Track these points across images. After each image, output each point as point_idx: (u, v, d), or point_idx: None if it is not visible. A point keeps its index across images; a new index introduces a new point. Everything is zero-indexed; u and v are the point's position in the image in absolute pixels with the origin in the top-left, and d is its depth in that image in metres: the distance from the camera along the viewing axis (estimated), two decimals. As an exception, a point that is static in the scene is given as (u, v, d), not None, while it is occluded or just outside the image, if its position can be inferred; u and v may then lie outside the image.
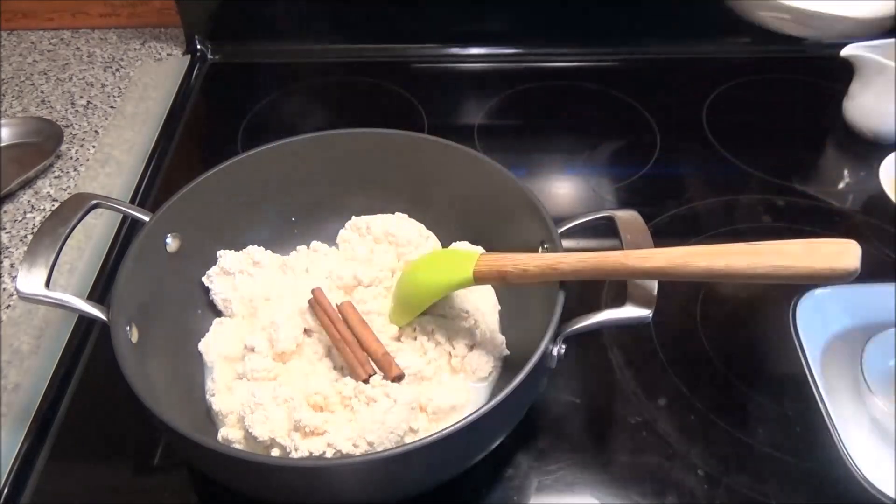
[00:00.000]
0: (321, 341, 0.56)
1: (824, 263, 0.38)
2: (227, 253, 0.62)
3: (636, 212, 0.53)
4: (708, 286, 0.67)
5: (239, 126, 0.87)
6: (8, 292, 0.69)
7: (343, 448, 0.47)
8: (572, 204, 0.79)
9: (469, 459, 0.48)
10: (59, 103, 0.92)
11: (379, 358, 0.53)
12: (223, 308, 0.60)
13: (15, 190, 0.79)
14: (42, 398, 0.59)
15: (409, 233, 0.62)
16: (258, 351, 0.54)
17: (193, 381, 0.56)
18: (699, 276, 0.42)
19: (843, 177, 0.81)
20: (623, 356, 0.62)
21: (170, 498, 0.53)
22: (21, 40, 1.04)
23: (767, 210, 0.75)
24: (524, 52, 0.97)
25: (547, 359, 0.47)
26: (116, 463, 0.55)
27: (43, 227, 0.52)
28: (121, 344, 0.47)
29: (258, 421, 0.49)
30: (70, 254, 0.71)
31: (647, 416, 0.57)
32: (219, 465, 0.45)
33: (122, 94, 0.94)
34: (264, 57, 1.00)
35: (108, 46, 1.03)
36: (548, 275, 0.48)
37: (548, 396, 0.58)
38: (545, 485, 0.53)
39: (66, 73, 0.98)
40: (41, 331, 0.65)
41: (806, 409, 0.56)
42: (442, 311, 0.58)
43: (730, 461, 0.54)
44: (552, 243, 0.53)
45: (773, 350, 0.62)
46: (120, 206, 0.58)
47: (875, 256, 0.69)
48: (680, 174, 0.81)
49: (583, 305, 0.61)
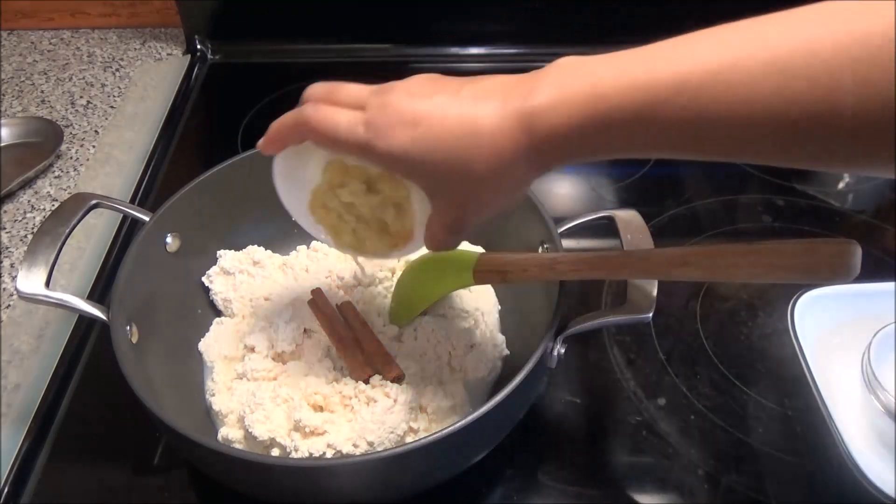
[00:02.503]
0: (321, 341, 0.56)
1: (824, 263, 0.38)
2: (227, 253, 0.62)
3: (636, 212, 0.53)
4: (708, 286, 0.67)
5: (239, 126, 0.87)
6: (8, 292, 0.69)
7: (343, 448, 0.47)
8: (572, 204, 0.79)
9: (469, 459, 0.49)
10: (59, 103, 0.92)
11: (379, 358, 0.53)
12: (223, 308, 0.60)
13: (15, 190, 0.79)
14: (42, 398, 0.59)
15: (408, 233, 0.62)
16: (258, 351, 0.54)
17: (193, 381, 0.56)
18: (699, 276, 0.42)
19: (843, 177, 0.81)
20: (623, 356, 0.62)
21: (170, 498, 0.53)
22: (21, 40, 1.04)
23: (767, 210, 0.75)
24: (524, 52, 0.97)
25: (547, 359, 0.47)
26: (116, 463, 0.55)
27: (43, 227, 0.52)
28: (121, 344, 0.47)
29: (258, 421, 0.49)
30: (70, 254, 0.71)
31: (647, 416, 0.57)
32: (219, 465, 0.45)
33: (122, 94, 0.94)
34: (264, 57, 1.00)
35: (108, 46, 1.03)
36: (548, 275, 0.48)
37: (548, 396, 0.58)
38: (545, 485, 0.53)
39: (66, 73, 0.98)
40: (41, 331, 0.65)
41: (806, 409, 0.56)
42: (442, 311, 0.58)
43: (730, 461, 0.54)
44: (552, 243, 0.53)
45: (773, 350, 0.62)
46: (120, 205, 0.58)
47: (875, 256, 0.69)
48: (680, 174, 0.81)
49: (583, 305, 0.61)
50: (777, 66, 0.31)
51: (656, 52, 0.35)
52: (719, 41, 0.33)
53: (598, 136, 0.36)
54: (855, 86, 0.30)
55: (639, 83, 0.34)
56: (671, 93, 0.33)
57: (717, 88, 0.32)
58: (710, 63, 0.33)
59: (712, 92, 0.32)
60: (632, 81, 0.34)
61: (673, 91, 0.33)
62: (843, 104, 0.30)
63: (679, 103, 0.33)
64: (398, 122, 0.39)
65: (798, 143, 0.32)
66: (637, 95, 0.34)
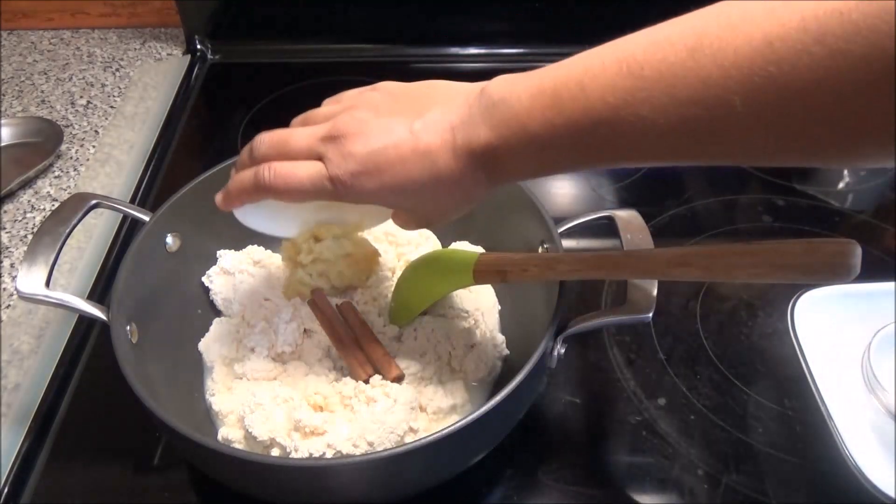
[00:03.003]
0: (321, 341, 0.56)
1: (824, 263, 0.38)
2: (227, 253, 0.62)
3: (636, 212, 0.53)
4: (708, 286, 0.67)
5: (239, 126, 0.87)
6: (8, 292, 0.69)
7: (343, 448, 0.47)
8: (572, 204, 0.79)
9: (469, 459, 0.49)
10: (59, 103, 0.92)
11: (379, 358, 0.53)
12: (223, 308, 0.60)
13: (15, 190, 0.79)
14: (42, 398, 0.59)
15: (408, 233, 0.63)
16: (258, 351, 0.54)
17: (193, 381, 0.56)
18: (699, 276, 0.42)
19: (842, 177, 0.81)
20: (623, 356, 0.62)
21: (170, 498, 0.53)
22: (21, 40, 1.04)
23: (767, 210, 0.75)
24: (524, 52, 0.97)
25: (547, 359, 0.47)
26: (116, 463, 0.55)
27: (43, 226, 0.52)
28: (121, 344, 0.47)
29: (258, 421, 0.49)
30: (70, 254, 0.71)
31: (647, 416, 0.57)
32: (219, 465, 0.45)
33: (122, 94, 0.94)
34: (264, 57, 1.00)
35: (108, 46, 1.03)
36: (548, 275, 0.48)
37: (548, 396, 0.58)
38: (545, 485, 0.53)
39: (66, 73, 0.98)
40: (41, 331, 0.65)
41: (806, 409, 0.56)
42: (442, 311, 0.58)
43: (730, 461, 0.54)
44: (552, 243, 0.53)
45: (773, 349, 0.62)
46: (120, 205, 0.58)
47: (875, 256, 0.69)
48: (680, 174, 0.81)
49: (583, 305, 0.61)
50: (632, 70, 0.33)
51: (564, 63, 0.37)
52: (614, 45, 0.35)
53: (542, 153, 0.38)
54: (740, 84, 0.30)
55: (539, 90, 0.37)
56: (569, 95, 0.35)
57: (573, 91, 0.35)
58: (574, 70, 0.35)
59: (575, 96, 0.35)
60: (538, 92, 0.37)
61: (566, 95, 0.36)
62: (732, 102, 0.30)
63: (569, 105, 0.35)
64: (362, 172, 0.41)
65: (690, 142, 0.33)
66: (544, 102, 0.36)
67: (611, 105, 0.34)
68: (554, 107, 0.36)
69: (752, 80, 0.29)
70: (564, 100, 0.35)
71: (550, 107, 0.36)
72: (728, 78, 0.30)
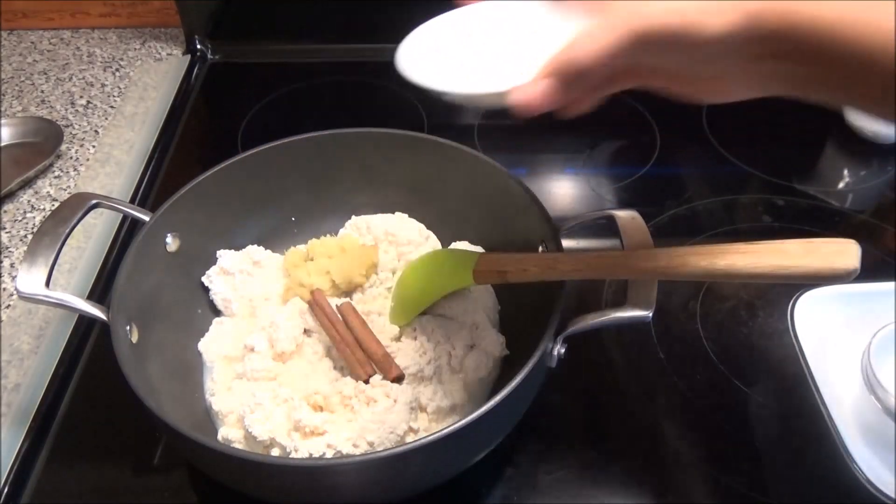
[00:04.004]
0: (321, 341, 0.56)
1: (824, 263, 0.38)
2: (227, 253, 0.62)
3: (636, 212, 0.53)
4: (708, 286, 0.67)
5: (239, 126, 0.87)
6: (8, 292, 0.69)
7: (343, 448, 0.47)
8: (572, 204, 0.79)
9: (469, 459, 0.48)
10: (59, 103, 0.92)
11: (379, 358, 0.53)
12: (223, 308, 0.60)
13: (15, 190, 0.79)
14: (42, 398, 0.59)
15: (409, 232, 0.63)
16: (258, 351, 0.54)
17: (193, 381, 0.56)
18: (699, 276, 0.42)
19: (843, 177, 0.81)
20: (623, 356, 0.62)
21: (170, 498, 0.53)
22: (21, 40, 1.04)
23: (767, 210, 0.75)
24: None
25: (547, 359, 0.47)
26: (116, 463, 0.55)
27: (43, 226, 0.52)
28: (121, 344, 0.47)
29: (258, 421, 0.49)
30: (70, 254, 0.71)
31: (647, 416, 0.57)
32: (219, 465, 0.45)
33: (122, 94, 0.94)
34: (264, 57, 1.00)
35: (108, 46, 1.03)
36: (548, 274, 0.48)
37: (548, 396, 0.58)
38: (545, 485, 0.53)
39: (66, 73, 0.98)
40: (41, 331, 0.65)
41: (806, 409, 0.56)
42: (442, 311, 0.58)
43: (730, 461, 0.54)
44: (552, 243, 0.53)
45: (773, 349, 0.62)
46: (120, 205, 0.58)
47: (875, 256, 0.69)
48: (680, 174, 0.81)
49: (583, 305, 0.61)
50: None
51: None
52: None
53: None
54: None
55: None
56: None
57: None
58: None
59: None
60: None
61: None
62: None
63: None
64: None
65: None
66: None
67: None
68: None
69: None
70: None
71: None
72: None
